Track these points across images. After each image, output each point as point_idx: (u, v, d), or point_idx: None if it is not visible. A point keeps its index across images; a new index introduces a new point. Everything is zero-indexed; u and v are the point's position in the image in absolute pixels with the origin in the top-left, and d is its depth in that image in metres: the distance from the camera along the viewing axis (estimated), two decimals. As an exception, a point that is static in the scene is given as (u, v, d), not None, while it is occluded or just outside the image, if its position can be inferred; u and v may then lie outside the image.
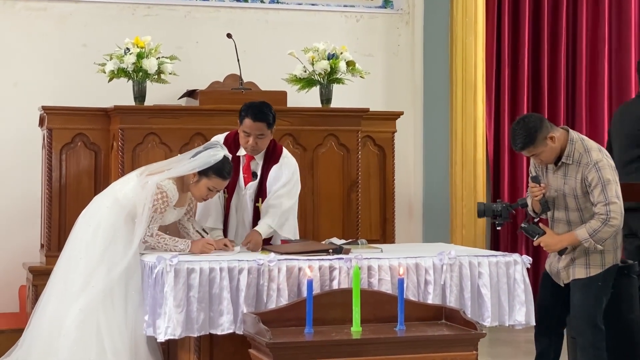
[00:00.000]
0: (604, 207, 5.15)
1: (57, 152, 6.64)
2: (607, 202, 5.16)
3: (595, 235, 5.16)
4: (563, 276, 5.33)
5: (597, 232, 5.15)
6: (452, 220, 8.19)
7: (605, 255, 5.28)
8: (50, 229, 6.59)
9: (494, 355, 6.81)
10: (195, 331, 4.82)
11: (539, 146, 5.23)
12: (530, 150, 5.26)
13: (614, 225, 5.16)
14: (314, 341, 4.53)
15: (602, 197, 5.16)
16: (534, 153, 5.26)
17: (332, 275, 5.02)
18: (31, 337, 5.28)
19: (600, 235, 5.16)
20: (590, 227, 5.18)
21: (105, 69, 6.61)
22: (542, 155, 5.26)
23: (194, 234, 5.52)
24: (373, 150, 7.21)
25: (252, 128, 5.50)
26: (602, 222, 5.15)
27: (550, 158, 5.29)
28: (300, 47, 7.07)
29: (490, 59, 8.25)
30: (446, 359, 4.61)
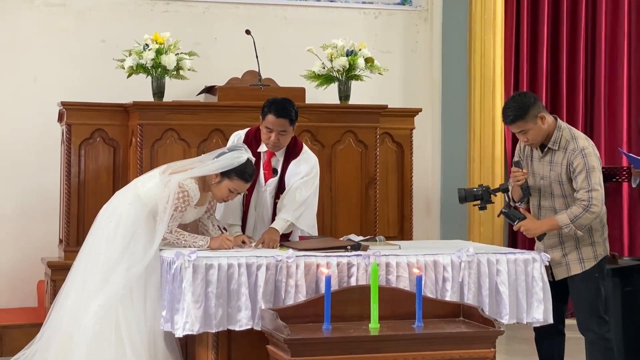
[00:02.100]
0: (586, 194, 5.16)
1: (76, 147, 6.66)
2: (590, 188, 5.16)
3: (576, 221, 5.16)
4: (555, 272, 5.32)
5: (578, 218, 5.16)
6: (469, 217, 8.18)
7: (596, 247, 5.30)
8: (69, 224, 6.62)
9: (511, 353, 6.80)
10: (214, 327, 4.82)
11: (529, 122, 5.21)
12: (519, 125, 5.24)
13: (594, 212, 5.16)
14: (332, 337, 4.52)
15: (586, 183, 5.17)
16: (523, 129, 5.24)
17: (350, 272, 5.02)
18: (50, 332, 5.30)
19: (581, 222, 5.17)
20: (572, 213, 5.18)
21: (124, 64, 6.64)
22: (530, 133, 5.24)
23: (213, 232, 5.53)
24: (391, 147, 7.21)
25: (274, 124, 5.50)
26: (584, 209, 5.16)
27: (537, 138, 5.28)
28: (319, 43, 7.07)
29: (508, 55, 8.24)
30: (464, 356, 4.60)
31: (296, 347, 4.40)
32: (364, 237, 5.79)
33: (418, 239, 7.42)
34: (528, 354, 6.22)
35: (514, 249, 5.56)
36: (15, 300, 7.27)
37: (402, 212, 7.25)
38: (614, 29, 8.48)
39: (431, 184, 8.26)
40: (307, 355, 4.42)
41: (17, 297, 7.27)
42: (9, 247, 7.29)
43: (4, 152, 7.31)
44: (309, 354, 4.43)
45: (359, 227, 6.81)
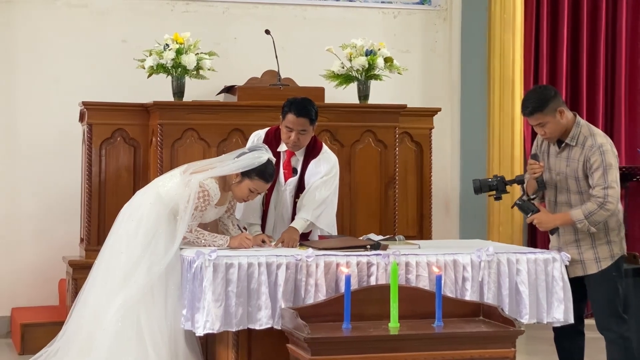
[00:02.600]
0: (602, 191, 5.15)
1: (96, 147, 6.70)
2: (606, 186, 5.15)
3: (590, 218, 5.15)
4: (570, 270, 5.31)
5: (592, 215, 5.15)
6: (489, 217, 8.17)
7: (613, 247, 5.28)
8: (90, 223, 6.66)
9: (531, 353, 6.79)
10: (234, 326, 4.84)
11: (547, 115, 5.20)
12: (537, 118, 5.22)
13: (609, 210, 5.15)
14: (352, 337, 4.53)
15: (602, 180, 5.15)
16: (541, 122, 5.22)
17: (369, 271, 5.03)
18: (71, 330, 5.34)
19: (595, 218, 5.16)
20: (586, 209, 5.17)
21: (145, 64, 6.67)
22: (548, 126, 5.23)
23: (233, 231, 5.55)
24: (410, 146, 7.22)
25: (294, 123, 5.51)
26: (598, 205, 5.14)
27: (554, 132, 5.26)
28: (338, 43, 7.08)
29: (528, 55, 8.22)
30: (484, 355, 4.59)
31: (316, 346, 4.41)
32: (384, 236, 5.79)
33: (437, 238, 7.41)
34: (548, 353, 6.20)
35: (533, 249, 5.56)
36: (37, 298, 7.32)
37: (421, 211, 7.25)
38: (635, 27, 8.45)
39: (450, 184, 8.26)
40: (327, 354, 4.43)
41: (38, 296, 7.32)
42: (31, 246, 7.34)
43: (26, 152, 7.36)
44: (329, 353, 4.44)
45: (378, 226, 6.82)
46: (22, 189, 7.36)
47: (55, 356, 5.33)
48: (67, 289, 6.79)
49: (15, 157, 7.35)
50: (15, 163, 7.35)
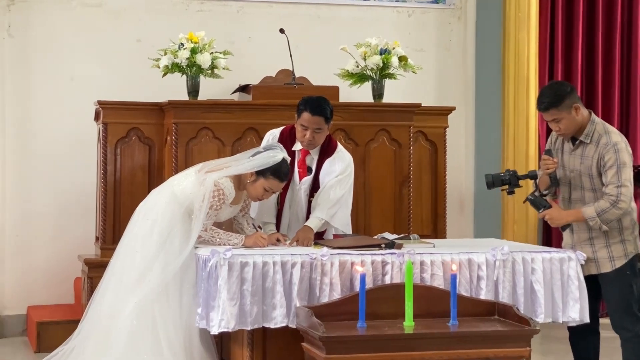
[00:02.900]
0: (615, 189, 5.14)
1: (112, 146, 6.72)
2: (620, 184, 5.14)
3: (602, 215, 5.14)
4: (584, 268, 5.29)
5: (604, 213, 5.14)
6: (503, 215, 8.15)
7: (627, 245, 5.27)
8: (105, 222, 6.67)
9: (546, 352, 6.78)
10: (249, 324, 4.85)
11: (562, 111, 5.19)
12: (552, 113, 5.21)
13: (621, 208, 5.14)
14: (367, 335, 4.53)
15: (615, 178, 5.14)
16: (556, 117, 5.21)
17: (384, 270, 5.03)
18: (87, 329, 5.36)
19: (607, 216, 5.15)
20: (599, 207, 5.16)
21: (160, 64, 6.68)
22: (563, 122, 5.22)
23: (248, 230, 5.56)
24: (425, 145, 7.21)
25: (309, 122, 5.52)
26: (611, 204, 5.14)
27: (569, 128, 5.25)
28: (352, 42, 7.08)
29: (543, 54, 8.19)
30: (499, 355, 4.59)
31: (331, 345, 4.42)
32: (398, 235, 5.80)
33: (451, 237, 7.40)
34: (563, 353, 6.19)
35: (549, 248, 5.55)
36: (53, 297, 7.35)
37: (435, 210, 7.25)
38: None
39: (464, 183, 8.25)
40: (342, 352, 4.44)
41: (54, 294, 7.35)
42: (47, 244, 7.37)
43: (41, 151, 7.39)
44: (344, 352, 4.44)
45: (392, 225, 6.81)
46: (37, 188, 7.39)
47: (71, 354, 5.36)
48: (83, 287, 6.81)
49: (31, 156, 7.38)
50: (31, 162, 7.38)
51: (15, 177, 7.35)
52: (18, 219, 7.36)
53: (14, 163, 7.35)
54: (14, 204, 7.34)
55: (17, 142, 7.36)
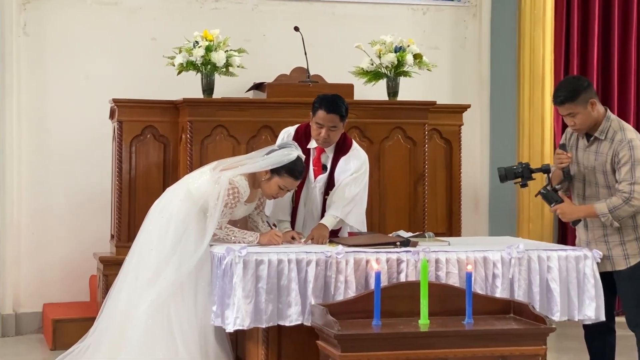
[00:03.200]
0: (628, 186, 5.12)
1: (127, 144, 6.74)
2: (633, 181, 5.12)
3: (614, 212, 5.13)
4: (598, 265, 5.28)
5: (616, 209, 5.13)
6: (518, 213, 8.13)
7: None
8: (120, 219, 6.69)
9: (561, 350, 6.76)
10: (264, 322, 4.85)
11: (579, 105, 5.18)
12: (568, 107, 5.20)
13: (634, 205, 5.13)
14: (382, 333, 4.53)
15: (629, 175, 5.13)
16: (571, 111, 5.20)
17: (399, 268, 5.02)
18: (103, 327, 5.37)
19: (619, 213, 5.13)
20: (611, 203, 5.15)
21: (174, 62, 6.69)
22: (578, 117, 5.20)
23: (262, 228, 5.57)
24: (440, 143, 7.20)
25: (325, 120, 5.52)
26: (624, 201, 5.12)
27: (584, 124, 5.23)
28: (367, 40, 7.08)
29: (558, 51, 8.16)
30: (515, 353, 4.58)
31: (346, 343, 4.42)
32: (413, 233, 5.79)
33: (466, 235, 7.40)
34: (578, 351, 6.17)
35: (564, 246, 5.53)
36: (68, 294, 7.37)
37: (450, 208, 7.24)
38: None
39: (479, 181, 8.23)
40: (357, 350, 4.43)
41: (70, 292, 7.37)
42: (62, 242, 7.39)
43: (57, 149, 7.41)
44: (359, 350, 4.44)
45: (407, 223, 6.81)
46: (53, 186, 7.41)
47: (87, 352, 5.37)
48: (98, 285, 6.83)
49: (46, 154, 7.40)
50: (46, 160, 7.40)
51: (31, 175, 7.37)
52: (33, 217, 7.38)
53: (30, 161, 7.37)
54: (29, 202, 7.37)
55: (33, 141, 7.38)
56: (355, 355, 4.42)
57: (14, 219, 7.30)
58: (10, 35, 7.29)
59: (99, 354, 5.28)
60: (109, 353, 5.23)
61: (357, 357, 4.43)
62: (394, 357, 4.47)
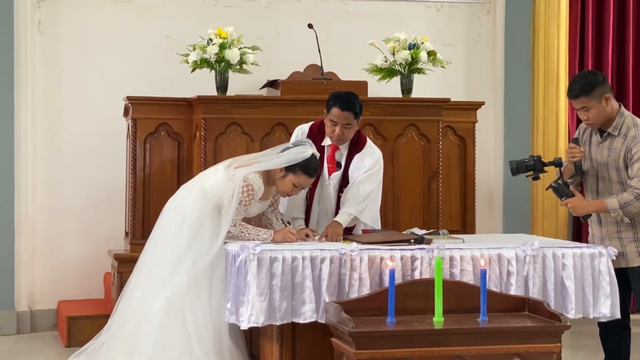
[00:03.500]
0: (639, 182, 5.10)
1: (141, 141, 6.74)
2: None
3: (625, 208, 5.12)
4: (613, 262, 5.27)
5: (627, 205, 5.12)
6: (533, 211, 8.11)
7: None
8: (135, 217, 6.70)
9: (576, 348, 6.74)
10: (278, 319, 4.86)
11: (593, 100, 5.17)
12: (582, 101, 5.19)
13: None
14: (396, 331, 4.53)
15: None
16: (585, 105, 5.20)
17: (413, 265, 5.02)
18: (117, 324, 5.39)
19: (630, 209, 5.13)
20: (622, 199, 5.14)
21: (188, 59, 6.70)
22: (592, 111, 5.20)
23: (277, 225, 5.57)
24: (454, 140, 7.19)
25: (339, 117, 5.52)
26: (635, 197, 5.11)
27: (597, 118, 5.23)
28: (381, 37, 7.07)
29: (573, 48, 8.13)
30: (529, 350, 4.57)
31: (361, 340, 4.42)
32: (427, 230, 5.78)
33: (480, 232, 7.38)
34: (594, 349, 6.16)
35: (579, 243, 5.51)
36: (83, 291, 7.39)
37: (464, 205, 7.22)
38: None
39: (494, 178, 8.20)
40: (371, 348, 4.43)
41: (84, 289, 7.39)
42: (77, 239, 7.41)
43: (71, 146, 7.42)
44: (374, 347, 4.44)
45: (421, 220, 6.80)
46: (67, 183, 7.43)
47: (102, 349, 5.39)
48: (112, 282, 6.84)
49: (60, 152, 7.42)
50: (60, 158, 7.42)
51: (46, 173, 7.39)
52: (48, 214, 7.40)
53: (44, 159, 7.39)
54: (44, 200, 7.39)
55: (47, 138, 7.40)
56: (370, 352, 4.42)
57: (29, 217, 7.33)
58: (25, 33, 7.31)
59: (114, 351, 5.30)
60: (123, 350, 5.25)
61: (372, 355, 4.42)
62: (408, 354, 4.46)
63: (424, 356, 4.48)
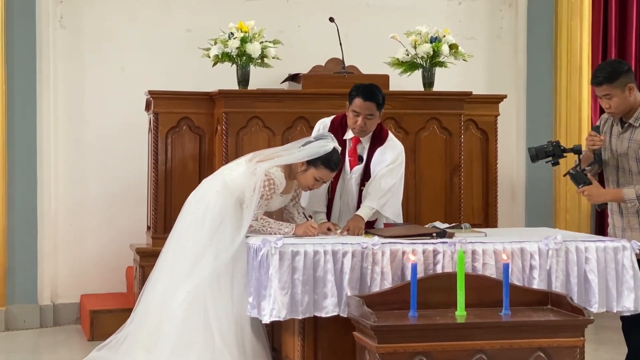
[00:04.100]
0: None
1: (162, 135, 6.76)
2: None
3: None
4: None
5: None
6: (555, 204, 8.08)
7: None
8: (157, 211, 6.72)
9: (600, 342, 6.71)
10: (300, 313, 4.85)
11: (616, 88, 5.16)
12: (605, 89, 5.19)
13: None
14: (419, 325, 4.52)
15: None
16: (608, 93, 5.19)
17: (435, 259, 5.00)
18: (140, 317, 5.41)
19: None
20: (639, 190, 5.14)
21: (210, 53, 6.70)
22: (614, 100, 5.19)
23: (298, 219, 5.57)
24: (475, 133, 7.16)
25: (362, 108, 5.51)
26: None
27: (619, 107, 5.21)
28: (402, 30, 7.04)
29: (596, 41, 8.09)
30: (552, 344, 4.54)
31: (383, 334, 4.41)
32: (449, 224, 5.76)
33: (503, 226, 7.35)
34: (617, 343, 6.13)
35: (603, 237, 5.48)
36: (105, 285, 7.42)
37: (486, 199, 7.20)
38: None
39: (516, 171, 8.18)
40: (393, 342, 4.42)
41: (107, 283, 7.43)
42: (99, 233, 7.44)
43: (93, 141, 7.45)
44: (396, 341, 4.43)
45: (443, 214, 6.78)
46: (89, 177, 7.46)
47: (125, 342, 5.41)
48: (135, 276, 6.87)
49: (82, 146, 7.45)
50: (83, 152, 7.45)
51: (68, 167, 7.42)
52: (71, 208, 7.44)
53: (66, 153, 7.42)
54: (66, 194, 7.42)
55: (69, 133, 7.43)
56: (392, 346, 4.41)
57: (51, 211, 7.36)
58: (47, 28, 7.34)
59: (136, 344, 5.32)
60: (146, 344, 5.26)
61: (394, 349, 4.41)
62: (431, 348, 4.45)
63: (446, 350, 4.46)
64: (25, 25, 7.27)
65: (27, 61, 7.27)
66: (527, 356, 4.53)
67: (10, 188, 7.22)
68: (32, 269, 7.30)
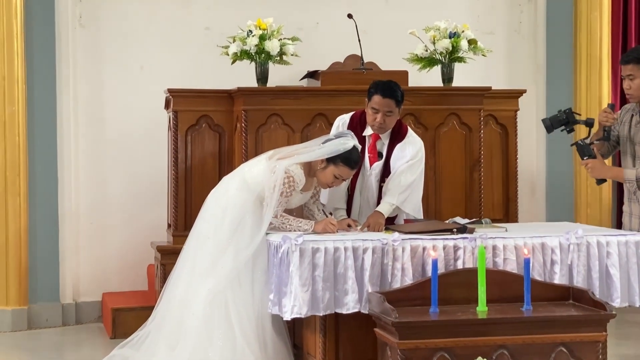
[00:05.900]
0: None
1: (182, 133, 6.77)
2: None
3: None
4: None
5: None
6: (576, 198, 8.05)
7: None
8: (177, 209, 6.73)
9: (621, 337, 6.68)
10: (321, 310, 4.85)
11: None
12: (632, 69, 5.32)
13: None
14: (440, 320, 4.52)
15: None
16: (632, 74, 5.33)
17: (456, 255, 5.00)
18: (161, 315, 5.42)
19: None
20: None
21: (229, 51, 6.71)
22: (635, 82, 5.32)
23: (318, 216, 5.57)
24: (495, 129, 7.14)
25: (380, 104, 5.51)
26: None
27: (638, 91, 5.34)
28: (420, 26, 7.03)
29: (616, 34, 8.05)
30: (575, 339, 4.54)
31: (404, 330, 4.41)
32: (469, 219, 5.75)
33: (523, 221, 7.33)
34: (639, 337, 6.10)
35: (624, 231, 5.46)
36: (127, 283, 7.45)
37: (507, 194, 7.18)
38: None
39: (536, 166, 8.15)
40: (414, 338, 4.42)
41: (128, 281, 7.45)
42: (120, 231, 7.47)
43: (113, 139, 7.48)
44: (417, 337, 4.43)
45: (463, 209, 6.77)
46: (110, 176, 7.49)
47: (147, 340, 5.43)
48: (156, 274, 6.89)
49: (103, 144, 7.48)
50: (103, 150, 7.48)
51: (88, 165, 7.46)
52: (91, 207, 7.47)
53: (87, 151, 7.45)
54: (87, 193, 7.45)
55: (89, 131, 7.46)
56: (413, 342, 4.42)
57: (72, 209, 7.40)
58: (67, 26, 7.37)
59: (158, 342, 5.33)
60: (167, 341, 5.28)
61: (415, 345, 4.42)
62: (452, 344, 4.45)
63: (468, 346, 4.46)
64: (45, 25, 7.31)
65: (46, 60, 7.30)
66: (549, 351, 4.52)
67: (32, 187, 7.25)
68: (54, 267, 7.34)
